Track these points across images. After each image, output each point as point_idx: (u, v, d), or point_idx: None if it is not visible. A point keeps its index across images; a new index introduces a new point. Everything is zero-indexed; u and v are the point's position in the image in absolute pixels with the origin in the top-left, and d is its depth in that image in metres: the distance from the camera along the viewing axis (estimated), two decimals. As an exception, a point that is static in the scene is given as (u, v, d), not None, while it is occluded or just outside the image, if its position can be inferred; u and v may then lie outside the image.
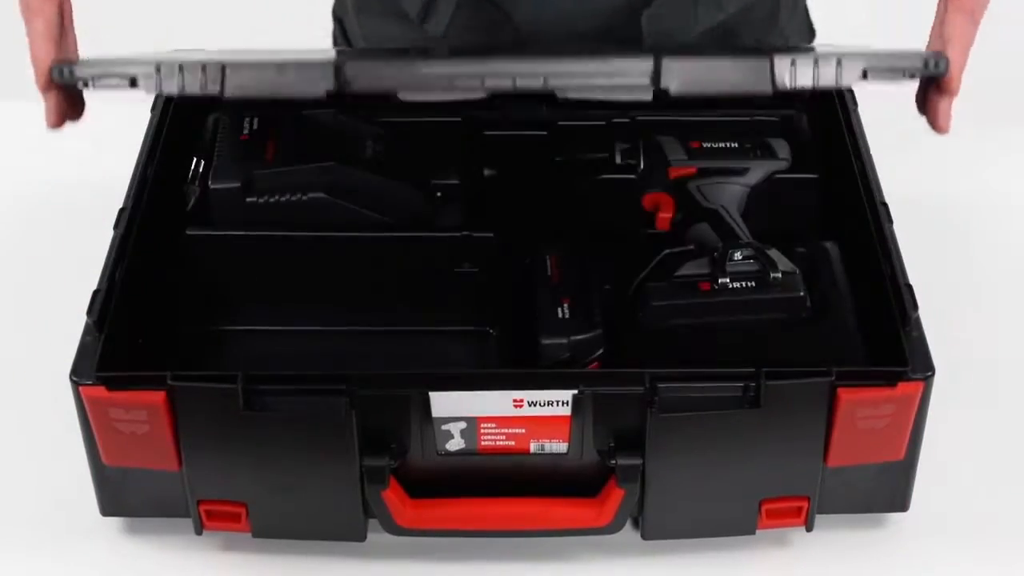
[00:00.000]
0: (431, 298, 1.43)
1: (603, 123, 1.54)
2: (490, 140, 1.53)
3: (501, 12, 1.59)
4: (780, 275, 1.36)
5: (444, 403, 1.23)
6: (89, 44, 1.26)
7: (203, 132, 1.52)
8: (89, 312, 1.26)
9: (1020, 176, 1.73)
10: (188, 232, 1.41)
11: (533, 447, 1.26)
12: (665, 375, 1.22)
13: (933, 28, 1.27)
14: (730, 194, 1.48)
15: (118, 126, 1.62)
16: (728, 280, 1.36)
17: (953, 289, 1.56)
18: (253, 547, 1.32)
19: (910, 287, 1.28)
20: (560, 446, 1.26)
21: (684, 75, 1.19)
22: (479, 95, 1.20)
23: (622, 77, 1.20)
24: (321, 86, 1.19)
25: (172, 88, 1.18)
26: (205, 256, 1.41)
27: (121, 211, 1.35)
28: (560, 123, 1.53)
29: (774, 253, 1.38)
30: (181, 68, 1.18)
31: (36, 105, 1.18)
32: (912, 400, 1.23)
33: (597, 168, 1.50)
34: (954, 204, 1.69)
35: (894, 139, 1.62)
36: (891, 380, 1.23)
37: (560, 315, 1.33)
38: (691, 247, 1.43)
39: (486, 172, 1.53)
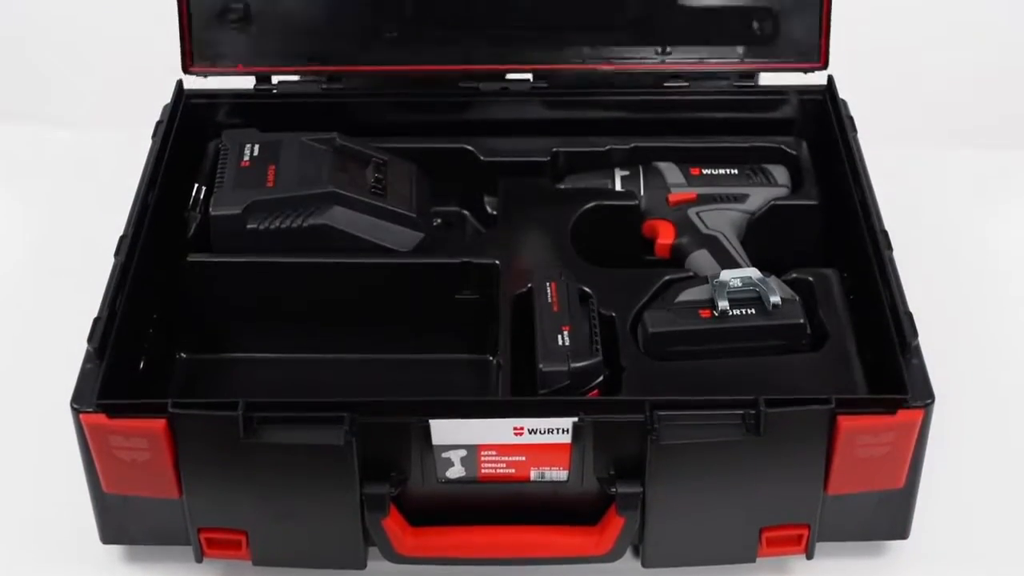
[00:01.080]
0: (431, 325, 1.43)
1: (603, 150, 1.54)
2: (490, 167, 1.53)
3: None
4: (780, 302, 1.36)
5: (444, 431, 1.23)
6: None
7: (204, 159, 1.52)
8: (90, 339, 1.26)
9: (1021, 201, 1.73)
10: (189, 259, 1.41)
11: (533, 475, 1.26)
12: (665, 403, 1.22)
13: None
14: (730, 220, 1.48)
15: (119, 152, 1.62)
16: (728, 307, 1.36)
17: (953, 316, 1.56)
18: (253, 575, 1.32)
19: (910, 315, 1.28)
20: (560, 474, 1.26)
21: None
22: None
23: None
24: None
25: None
26: (206, 283, 1.42)
27: (122, 238, 1.35)
28: (560, 150, 1.54)
29: (774, 280, 1.39)
30: None
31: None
32: (912, 428, 1.23)
33: (597, 195, 1.50)
34: (954, 231, 1.69)
35: (894, 165, 1.62)
36: (891, 408, 1.22)
37: (560, 342, 1.33)
38: (691, 274, 1.43)
39: (486, 199, 1.53)
